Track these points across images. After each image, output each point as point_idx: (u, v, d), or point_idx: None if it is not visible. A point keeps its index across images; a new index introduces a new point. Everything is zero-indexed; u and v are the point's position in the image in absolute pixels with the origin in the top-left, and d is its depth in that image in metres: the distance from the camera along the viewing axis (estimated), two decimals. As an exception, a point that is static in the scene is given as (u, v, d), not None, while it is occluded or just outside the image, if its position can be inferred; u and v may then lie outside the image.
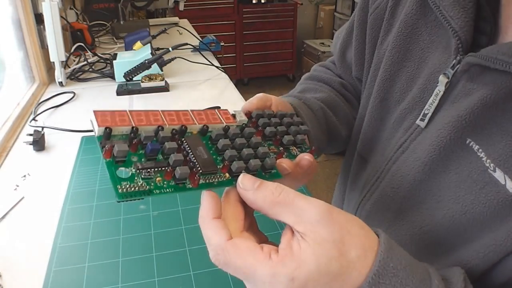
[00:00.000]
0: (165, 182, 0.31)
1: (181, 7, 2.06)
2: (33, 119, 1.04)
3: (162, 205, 0.70)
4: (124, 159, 0.30)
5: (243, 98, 1.17)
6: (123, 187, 0.29)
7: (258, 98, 0.45)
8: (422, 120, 0.43)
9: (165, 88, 1.22)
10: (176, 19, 2.10)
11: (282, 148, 0.41)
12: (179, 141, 0.34)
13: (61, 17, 1.30)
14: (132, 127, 0.32)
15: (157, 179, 0.31)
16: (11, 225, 0.66)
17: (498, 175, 0.35)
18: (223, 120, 0.38)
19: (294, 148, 0.42)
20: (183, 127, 0.35)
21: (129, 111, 0.33)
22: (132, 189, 0.29)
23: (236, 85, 1.35)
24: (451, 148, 0.38)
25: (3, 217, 0.68)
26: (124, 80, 1.23)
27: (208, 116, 0.37)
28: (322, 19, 3.95)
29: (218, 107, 1.13)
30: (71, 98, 1.17)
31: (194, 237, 0.62)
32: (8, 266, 0.58)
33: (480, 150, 0.36)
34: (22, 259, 0.59)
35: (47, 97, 1.17)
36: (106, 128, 0.30)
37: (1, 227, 0.66)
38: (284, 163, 0.37)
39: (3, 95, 1.07)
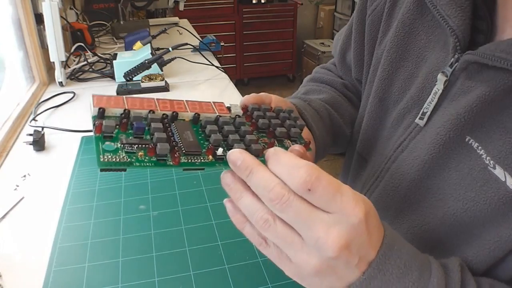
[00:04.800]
0: (146, 157, 0.32)
1: (181, 7, 2.06)
2: (33, 119, 1.04)
3: (162, 205, 0.70)
4: (111, 135, 0.32)
5: (243, 98, 1.17)
6: (106, 157, 0.31)
7: (257, 95, 0.45)
8: (421, 118, 0.43)
9: (165, 88, 1.22)
10: (176, 19, 2.10)
11: (274, 139, 0.40)
12: (166, 124, 0.36)
13: (61, 17, 1.30)
14: (124, 110, 0.34)
15: (140, 153, 0.32)
16: (11, 225, 0.66)
17: (498, 172, 0.35)
18: (216, 111, 0.39)
19: (288, 141, 0.41)
20: (174, 113, 0.37)
21: (126, 97, 0.36)
22: (114, 159, 0.31)
23: (236, 85, 1.35)
24: (450, 146, 0.39)
25: (3, 217, 0.68)
26: (124, 80, 1.23)
27: (202, 106, 0.39)
28: (322, 19, 3.95)
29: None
30: (71, 98, 1.17)
31: (194, 237, 0.62)
32: (8, 266, 0.58)
33: (480, 147, 0.36)
34: (22, 259, 0.59)
35: (47, 97, 1.17)
36: (99, 109, 0.33)
37: (1, 227, 0.66)
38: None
39: (3, 95, 1.07)
